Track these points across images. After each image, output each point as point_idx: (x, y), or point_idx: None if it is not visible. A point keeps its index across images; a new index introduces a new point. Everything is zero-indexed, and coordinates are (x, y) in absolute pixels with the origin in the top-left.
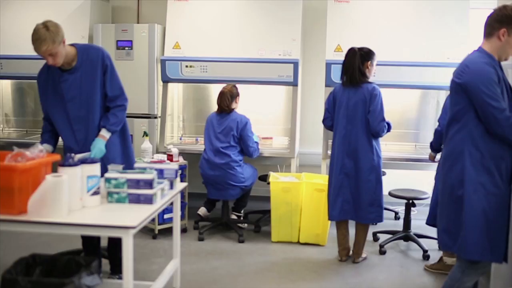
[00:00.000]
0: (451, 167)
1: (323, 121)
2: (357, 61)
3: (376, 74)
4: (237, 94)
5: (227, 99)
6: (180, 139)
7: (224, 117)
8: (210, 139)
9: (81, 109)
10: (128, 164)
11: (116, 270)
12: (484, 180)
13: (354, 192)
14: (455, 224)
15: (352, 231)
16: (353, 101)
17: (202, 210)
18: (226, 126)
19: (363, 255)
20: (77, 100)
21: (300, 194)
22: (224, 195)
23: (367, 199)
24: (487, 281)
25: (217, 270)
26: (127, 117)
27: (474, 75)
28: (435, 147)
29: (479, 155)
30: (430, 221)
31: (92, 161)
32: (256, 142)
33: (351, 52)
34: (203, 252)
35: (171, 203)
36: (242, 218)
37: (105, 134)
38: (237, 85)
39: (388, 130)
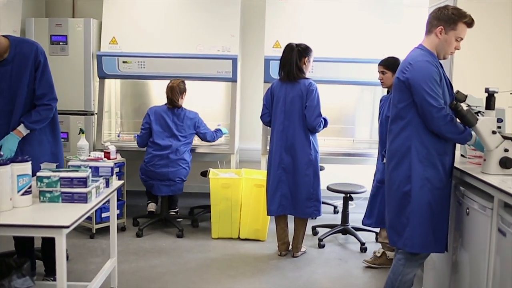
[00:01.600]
0: (398, 164)
1: (261, 117)
2: (295, 57)
3: (314, 70)
4: (184, 90)
5: (176, 93)
6: (118, 136)
7: (178, 114)
8: (162, 135)
9: (7, 104)
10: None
11: (51, 271)
12: (430, 176)
13: (292, 187)
14: (400, 220)
15: (291, 225)
16: (290, 97)
17: (153, 206)
18: (183, 124)
19: (303, 249)
20: (5, 94)
21: (240, 190)
22: (174, 190)
23: (304, 194)
24: (421, 271)
25: (156, 268)
26: (63, 113)
27: (416, 73)
28: None
29: (425, 151)
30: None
31: (23, 159)
32: (220, 130)
33: (289, 48)
34: (142, 251)
35: (108, 202)
36: (178, 213)
37: (22, 130)
38: None
39: (325, 125)
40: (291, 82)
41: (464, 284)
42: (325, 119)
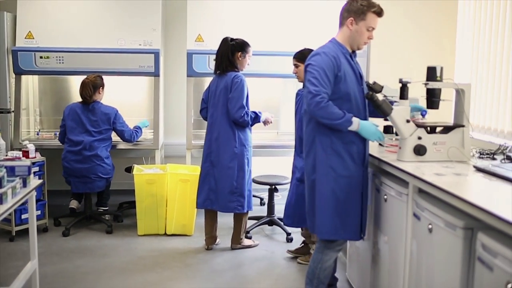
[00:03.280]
0: (307, 154)
1: (200, 112)
2: (226, 51)
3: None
4: (101, 85)
5: (89, 89)
6: (37, 134)
7: (92, 109)
8: (76, 131)
9: None
10: None
11: None
12: (333, 164)
13: (218, 180)
14: (311, 207)
15: (222, 220)
16: (218, 89)
17: (74, 203)
18: (97, 119)
19: (247, 243)
20: None
21: (165, 185)
22: (91, 187)
23: (227, 187)
24: (345, 257)
25: (80, 268)
26: None
27: (308, 61)
28: None
29: (329, 141)
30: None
31: None
32: (139, 127)
33: (223, 42)
34: (65, 251)
35: (26, 202)
36: (107, 211)
37: None
38: None
39: (256, 120)
40: (220, 76)
41: (384, 269)
42: (255, 113)
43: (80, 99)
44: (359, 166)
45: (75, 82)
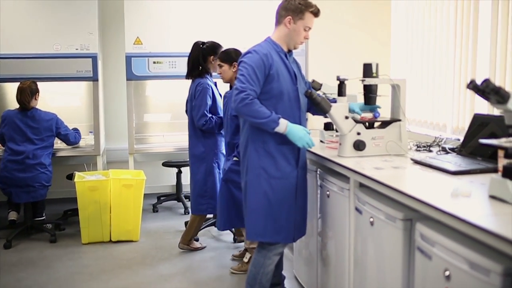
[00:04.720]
0: (243, 156)
1: (186, 113)
2: (197, 55)
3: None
4: (37, 91)
5: (27, 95)
6: None
7: (32, 117)
8: (16, 140)
9: None
10: None
11: None
12: (265, 165)
13: (191, 185)
14: (245, 209)
15: None
16: (189, 95)
17: (14, 214)
18: (38, 127)
19: (193, 246)
20: None
21: (108, 191)
22: (35, 196)
23: (196, 191)
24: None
25: (22, 281)
26: None
27: (240, 59)
28: None
29: (261, 142)
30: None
31: None
32: (75, 130)
33: (194, 46)
34: (6, 264)
35: None
36: (45, 221)
37: None
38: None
39: (219, 126)
40: (191, 81)
41: (330, 263)
42: (221, 118)
43: (16, 106)
44: (293, 167)
45: (10, 89)
